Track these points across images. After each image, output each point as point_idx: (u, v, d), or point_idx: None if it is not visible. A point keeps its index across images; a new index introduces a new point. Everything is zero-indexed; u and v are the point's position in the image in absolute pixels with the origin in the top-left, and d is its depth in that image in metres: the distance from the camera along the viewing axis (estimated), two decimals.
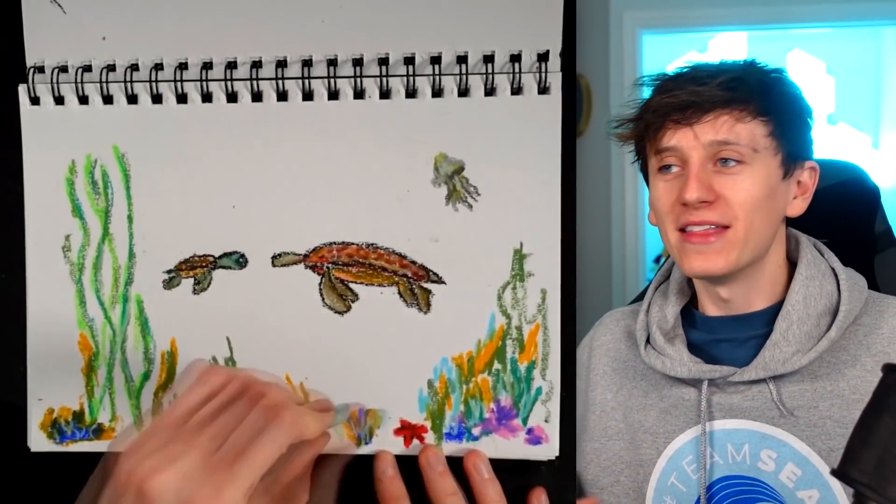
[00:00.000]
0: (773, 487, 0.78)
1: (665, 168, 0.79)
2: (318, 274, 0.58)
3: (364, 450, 0.59)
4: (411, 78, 0.58)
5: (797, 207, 0.81)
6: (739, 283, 0.80)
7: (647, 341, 0.86)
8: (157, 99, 0.59)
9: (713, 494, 0.79)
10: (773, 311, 0.80)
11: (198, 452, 0.46)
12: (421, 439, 0.58)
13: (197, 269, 0.59)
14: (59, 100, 0.59)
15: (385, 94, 0.58)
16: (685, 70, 0.82)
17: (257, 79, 0.58)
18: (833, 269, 0.82)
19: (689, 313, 0.86)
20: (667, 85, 0.80)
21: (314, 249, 0.59)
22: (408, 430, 0.58)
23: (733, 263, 0.77)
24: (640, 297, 0.94)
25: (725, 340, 0.82)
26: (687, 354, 0.81)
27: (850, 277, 0.81)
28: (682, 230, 0.78)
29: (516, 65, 0.57)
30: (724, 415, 0.79)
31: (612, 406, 0.87)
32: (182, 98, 0.59)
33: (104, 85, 0.59)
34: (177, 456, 0.45)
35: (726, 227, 0.76)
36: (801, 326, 0.77)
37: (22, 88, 0.60)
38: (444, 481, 0.55)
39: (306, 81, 0.58)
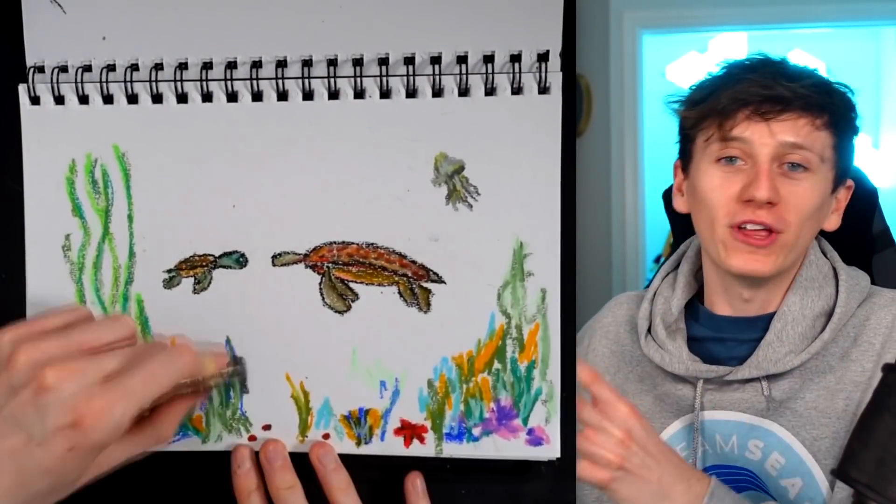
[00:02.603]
0: (757, 475, 0.79)
1: (726, 159, 0.77)
2: (319, 273, 0.58)
3: (363, 450, 0.59)
4: (411, 78, 0.58)
5: (833, 222, 0.82)
6: (765, 286, 0.80)
7: (649, 331, 0.86)
8: (157, 99, 0.59)
9: None
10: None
11: (100, 366, 0.47)
12: (421, 439, 0.58)
13: (197, 269, 0.59)
14: (59, 99, 0.59)
15: (385, 94, 0.58)
16: (757, 63, 0.79)
17: (257, 79, 0.58)
18: (835, 270, 0.82)
19: (694, 307, 0.86)
20: (746, 74, 0.77)
21: (314, 249, 0.59)
22: (408, 430, 0.58)
23: (779, 267, 0.77)
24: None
25: (729, 339, 0.82)
26: (686, 352, 0.82)
27: (850, 278, 0.81)
28: (734, 227, 0.76)
29: (516, 65, 0.57)
30: (713, 406, 0.80)
31: None
32: (182, 98, 0.59)
33: (104, 85, 0.59)
34: (81, 363, 0.46)
35: (779, 232, 0.75)
36: (796, 327, 0.78)
37: (22, 88, 0.60)
38: (283, 474, 0.57)
39: (306, 81, 0.58)
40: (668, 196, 0.93)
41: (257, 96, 0.59)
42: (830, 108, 0.76)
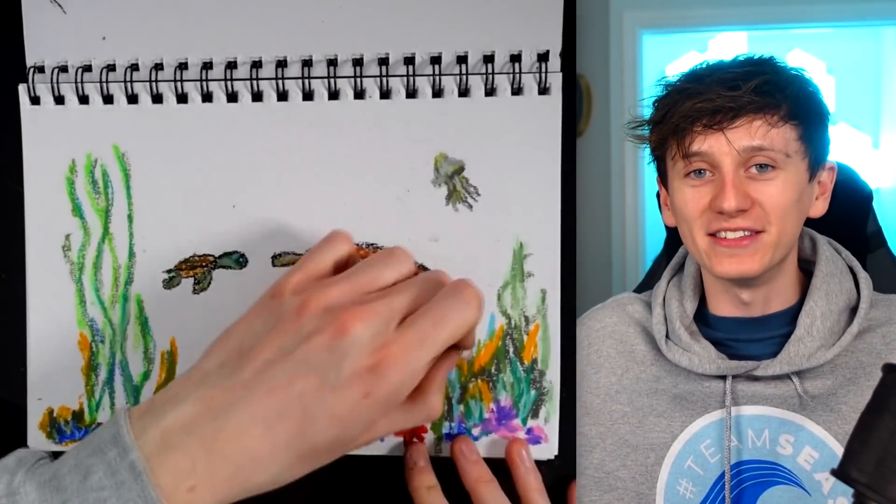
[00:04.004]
0: (790, 470, 0.80)
1: (694, 173, 0.79)
2: None
3: (363, 450, 0.59)
4: (411, 78, 0.58)
5: (819, 208, 0.83)
6: (762, 286, 0.81)
7: (667, 336, 0.86)
8: (157, 99, 0.59)
9: (732, 477, 0.81)
10: (792, 312, 0.81)
11: (394, 310, 0.45)
12: (421, 439, 0.58)
13: (197, 269, 0.59)
14: (59, 99, 0.59)
15: (385, 94, 0.58)
16: (705, 70, 0.81)
17: (257, 79, 0.58)
18: (851, 268, 0.83)
19: (701, 312, 0.87)
20: (694, 87, 0.79)
21: None
22: (407, 430, 0.58)
23: (766, 265, 0.78)
24: (641, 287, 0.94)
25: (743, 341, 0.83)
26: (715, 352, 0.82)
27: (866, 278, 0.83)
28: (713, 234, 0.78)
29: (516, 65, 0.57)
30: (746, 401, 0.81)
31: (617, 389, 0.87)
32: (182, 98, 0.59)
33: (104, 85, 0.59)
34: (375, 305, 0.44)
35: (759, 232, 0.77)
36: (825, 322, 0.79)
37: (22, 88, 0.60)
38: (479, 468, 0.56)
39: (306, 81, 0.58)
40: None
41: (257, 96, 0.59)
42: (784, 102, 0.77)
